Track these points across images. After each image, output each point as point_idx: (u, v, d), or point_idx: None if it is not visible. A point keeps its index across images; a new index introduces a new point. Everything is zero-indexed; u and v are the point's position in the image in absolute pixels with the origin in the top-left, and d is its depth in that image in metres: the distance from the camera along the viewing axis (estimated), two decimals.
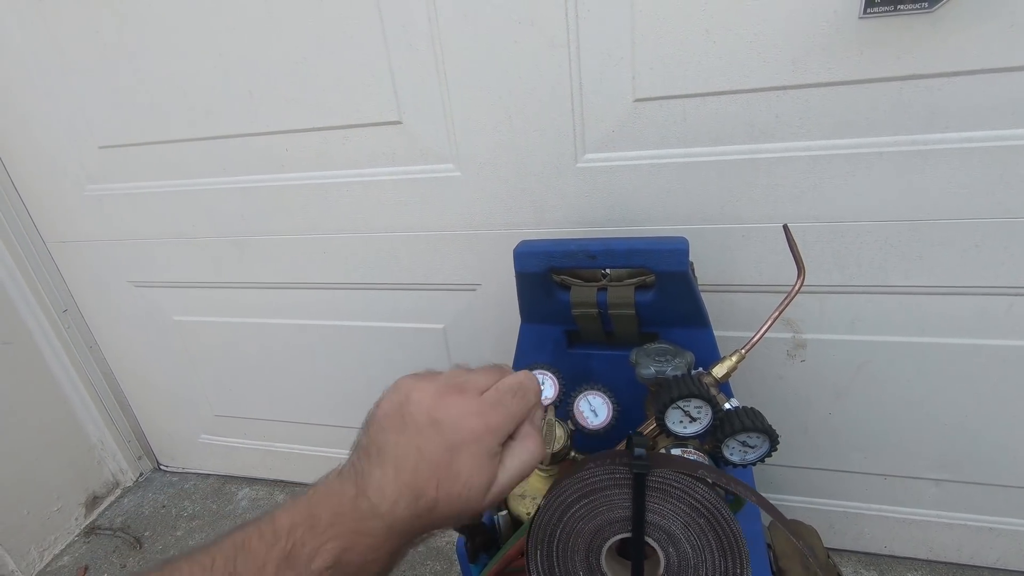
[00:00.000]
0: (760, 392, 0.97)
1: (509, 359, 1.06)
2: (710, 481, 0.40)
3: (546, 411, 0.66)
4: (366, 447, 0.36)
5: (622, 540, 0.43)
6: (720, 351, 0.74)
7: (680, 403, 0.57)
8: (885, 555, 1.05)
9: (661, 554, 0.42)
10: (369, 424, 0.37)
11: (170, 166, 1.07)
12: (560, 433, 0.64)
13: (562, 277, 0.74)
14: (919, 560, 1.04)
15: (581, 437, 0.69)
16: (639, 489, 0.41)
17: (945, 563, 1.03)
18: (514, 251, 0.69)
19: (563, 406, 0.70)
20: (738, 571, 0.41)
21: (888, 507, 1.02)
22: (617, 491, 0.42)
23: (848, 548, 1.07)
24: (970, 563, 1.02)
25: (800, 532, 0.79)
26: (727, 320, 0.91)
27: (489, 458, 0.34)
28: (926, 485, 0.97)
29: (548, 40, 0.80)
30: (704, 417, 0.58)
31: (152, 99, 1.00)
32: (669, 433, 0.58)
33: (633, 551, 0.42)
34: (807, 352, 0.92)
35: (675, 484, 0.41)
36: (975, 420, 0.89)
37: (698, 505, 0.41)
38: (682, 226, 0.87)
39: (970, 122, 0.71)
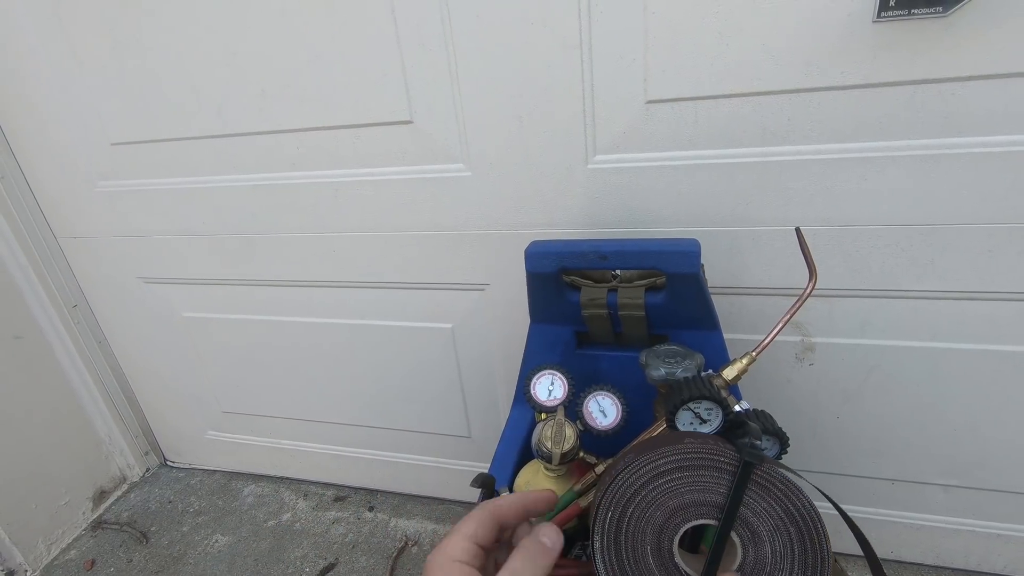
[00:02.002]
0: (768, 395, 0.97)
1: (515, 359, 1.06)
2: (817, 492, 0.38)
3: (554, 411, 0.66)
4: None
5: (694, 528, 0.41)
6: (729, 353, 0.74)
7: (691, 405, 0.57)
8: (891, 560, 1.05)
9: (740, 551, 0.40)
10: None
11: (181, 163, 1.08)
12: (570, 433, 0.64)
13: (572, 278, 0.74)
14: (926, 566, 1.04)
15: (589, 438, 0.69)
16: (743, 478, 0.39)
17: (952, 569, 1.02)
18: (525, 251, 0.69)
19: (572, 406, 0.70)
20: None
21: (895, 512, 1.01)
22: (716, 474, 0.40)
23: (854, 553, 1.06)
24: (977, 569, 1.01)
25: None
26: (736, 322, 0.91)
27: None
28: (934, 491, 0.97)
29: (561, 41, 0.80)
30: (714, 419, 0.58)
31: (164, 97, 1.01)
32: None
33: (717, 540, 0.40)
34: (816, 355, 0.92)
35: (778, 484, 0.39)
36: (985, 426, 0.89)
37: (795, 512, 0.39)
38: (692, 228, 0.87)
39: (985, 127, 0.71)
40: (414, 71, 0.87)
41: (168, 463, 1.56)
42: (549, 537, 0.38)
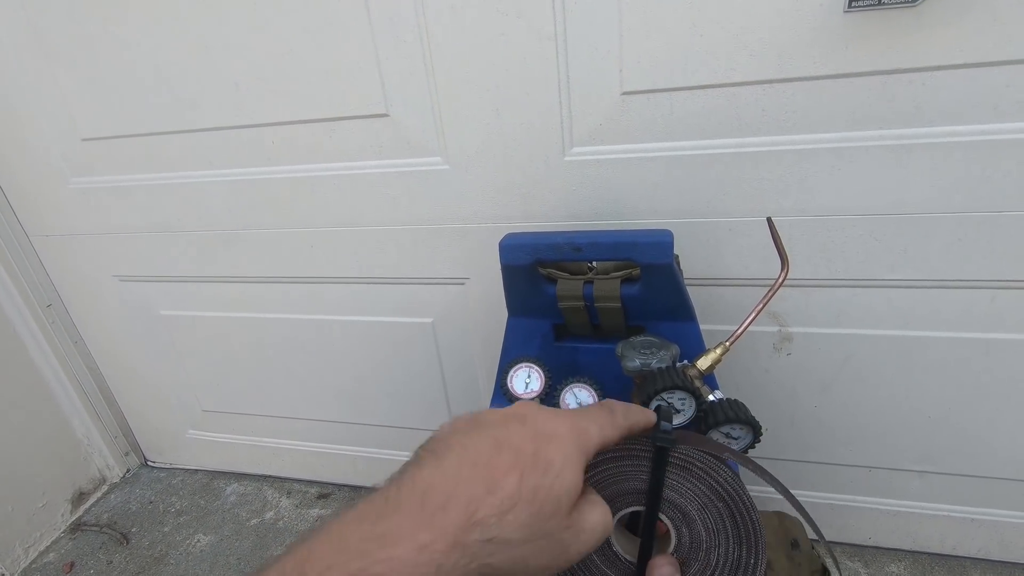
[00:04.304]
0: (747, 385, 0.97)
1: (495, 352, 1.06)
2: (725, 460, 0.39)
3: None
4: (421, 452, 0.30)
5: (632, 514, 0.42)
6: (706, 344, 0.74)
7: (664, 395, 0.57)
8: (869, 546, 1.06)
9: (673, 533, 0.41)
10: (431, 438, 0.31)
11: (155, 159, 1.06)
12: None
13: (548, 270, 0.74)
14: (903, 551, 1.05)
15: None
16: (659, 463, 0.39)
17: (928, 554, 1.04)
18: (500, 244, 0.69)
19: (549, 399, 0.70)
20: (752, 561, 0.39)
21: (873, 499, 1.03)
22: (636, 462, 0.40)
23: (833, 539, 1.08)
24: (952, 553, 1.03)
25: (787, 524, 0.80)
26: (714, 313, 0.92)
27: (579, 456, 0.30)
28: (910, 477, 0.98)
29: (536, 33, 0.80)
30: (688, 409, 0.59)
31: (137, 91, 0.99)
32: None
33: (645, 525, 0.40)
34: (793, 345, 0.92)
35: (698, 463, 0.39)
36: (958, 412, 0.91)
37: (719, 488, 0.39)
38: (669, 220, 0.87)
39: (953, 116, 0.72)
40: (389, 64, 0.87)
41: (149, 463, 1.54)
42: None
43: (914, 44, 0.69)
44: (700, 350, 0.74)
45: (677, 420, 0.58)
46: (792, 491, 0.41)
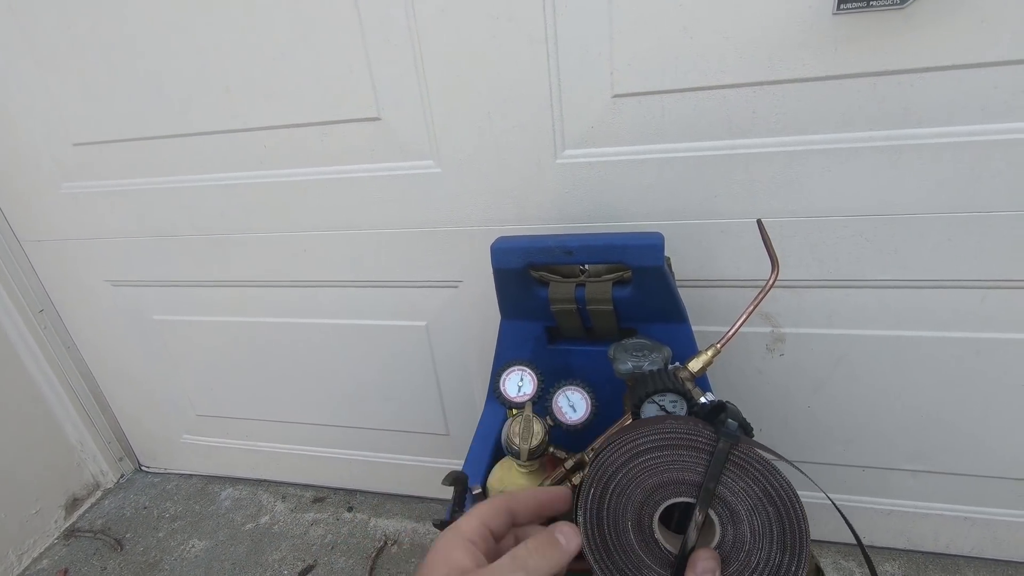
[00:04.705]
0: (740, 386, 0.98)
1: (490, 355, 1.06)
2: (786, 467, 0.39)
3: (524, 407, 0.66)
4: None
5: (673, 508, 0.42)
6: (699, 346, 0.74)
7: (655, 397, 0.57)
8: (865, 546, 1.06)
9: (718, 529, 0.40)
10: None
11: (147, 163, 1.06)
12: (538, 429, 0.64)
13: (541, 273, 0.74)
14: (897, 550, 1.06)
15: (559, 433, 0.69)
16: (720, 457, 0.40)
17: (922, 552, 1.04)
18: (491, 247, 0.69)
19: (542, 402, 0.70)
20: (793, 568, 0.39)
21: (867, 498, 1.03)
22: (694, 454, 0.41)
23: (828, 539, 1.08)
24: (946, 552, 1.03)
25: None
26: (706, 315, 0.92)
27: None
28: (903, 476, 0.99)
29: (526, 36, 0.80)
30: (680, 411, 0.59)
31: (128, 95, 0.99)
32: None
33: (695, 516, 0.40)
34: (786, 346, 0.93)
35: (756, 465, 0.40)
36: (950, 411, 0.91)
37: (772, 492, 0.39)
38: (661, 222, 0.87)
39: (942, 117, 0.72)
40: (380, 67, 0.87)
41: (143, 468, 1.54)
42: (565, 535, 0.37)
43: (902, 46, 0.70)
44: (693, 352, 0.74)
45: None
46: (790, 483, 0.41)
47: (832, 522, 1.06)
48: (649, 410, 0.58)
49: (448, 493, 1.30)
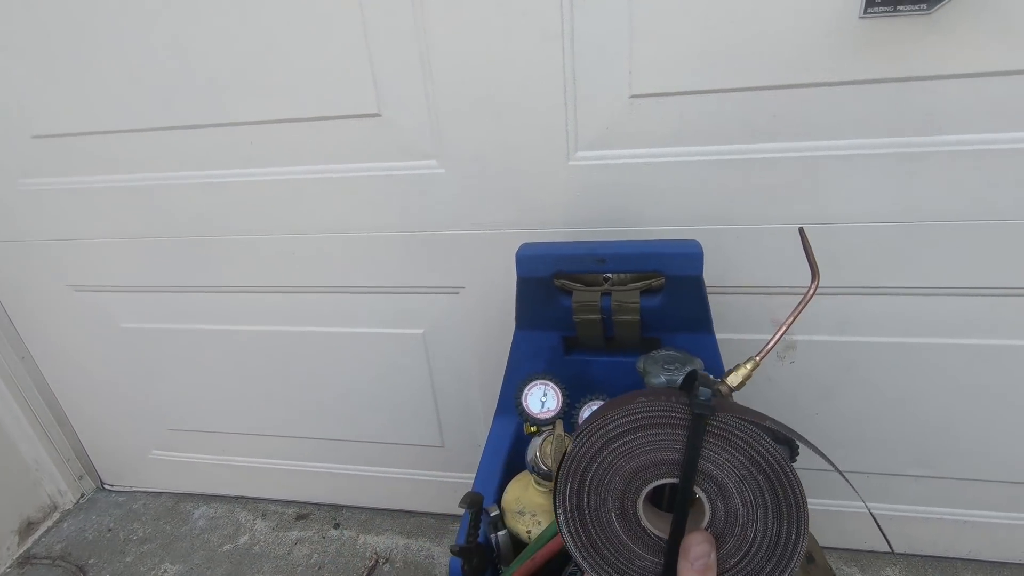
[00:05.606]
0: (748, 394, 0.95)
1: (492, 365, 1.02)
2: (776, 432, 0.36)
3: (548, 424, 0.62)
4: None
5: (662, 486, 0.39)
6: (722, 356, 0.72)
7: None
8: (865, 551, 1.07)
9: (708, 507, 0.38)
10: None
11: (118, 159, 0.97)
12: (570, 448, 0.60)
13: (562, 281, 0.70)
14: (897, 554, 1.06)
15: None
16: (697, 431, 0.37)
17: (921, 556, 1.05)
18: (517, 255, 0.65)
19: (567, 418, 0.66)
20: (793, 536, 0.37)
21: (869, 504, 1.03)
22: (669, 431, 0.38)
23: (831, 545, 1.08)
24: (944, 555, 1.04)
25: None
26: (720, 323, 0.88)
27: None
28: (906, 481, 0.99)
29: (541, 31, 0.76)
30: None
31: (98, 84, 0.90)
32: None
33: (679, 498, 0.38)
34: (796, 354, 0.92)
35: (738, 432, 0.37)
36: (956, 417, 0.91)
37: (759, 459, 0.37)
38: (675, 227, 0.85)
39: (963, 125, 0.72)
40: (382, 61, 0.81)
41: (106, 487, 1.43)
42: None
43: (927, 52, 0.69)
44: (717, 363, 0.72)
45: None
46: (776, 447, 0.39)
47: (834, 527, 1.06)
48: None
49: (446, 507, 1.25)
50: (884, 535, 0.44)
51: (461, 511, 1.30)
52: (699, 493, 0.38)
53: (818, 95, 0.74)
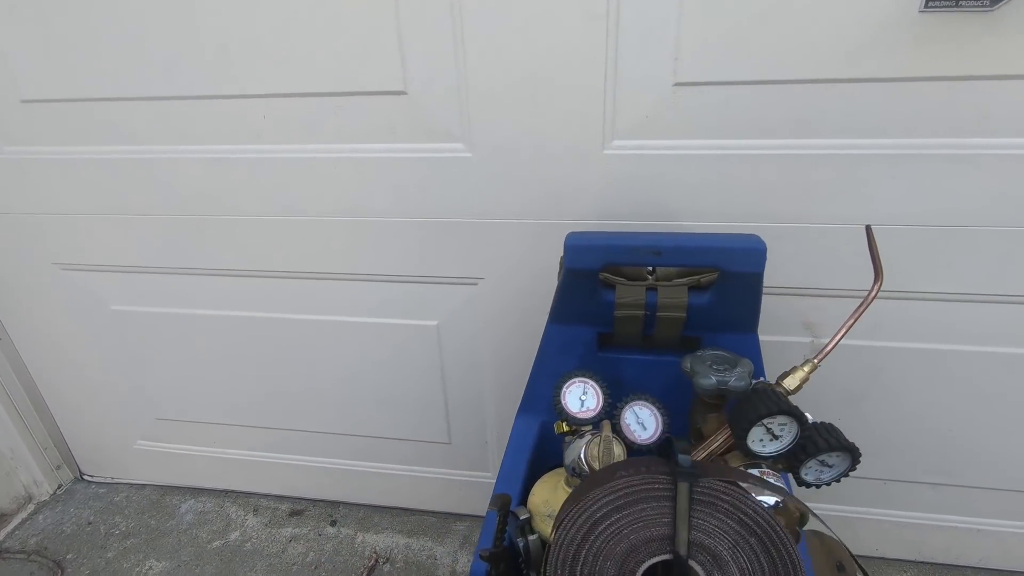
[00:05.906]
0: None
1: (507, 361, 0.98)
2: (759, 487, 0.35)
3: (601, 426, 0.59)
4: None
5: (659, 563, 0.38)
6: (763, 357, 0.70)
7: (765, 421, 0.51)
8: (876, 558, 1.06)
9: None
10: None
11: (115, 128, 0.90)
12: (619, 452, 0.57)
13: (605, 275, 0.67)
14: (908, 561, 1.06)
15: (628, 454, 0.62)
16: (683, 501, 0.36)
17: (932, 564, 1.05)
18: (566, 243, 0.61)
19: (608, 418, 0.63)
20: None
21: (884, 511, 1.02)
22: (655, 504, 0.37)
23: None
24: (956, 563, 1.04)
25: (829, 544, 0.76)
26: None
27: None
28: (924, 489, 0.98)
29: (585, 10, 0.72)
30: (787, 435, 0.53)
31: (94, 46, 0.84)
32: (747, 452, 0.53)
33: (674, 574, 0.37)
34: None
35: (723, 496, 0.36)
36: (979, 425, 0.91)
37: (749, 522, 0.36)
38: (711, 223, 0.82)
39: (1018, 128, 0.70)
40: (412, 36, 0.76)
41: (85, 477, 1.35)
42: None
43: (986, 50, 0.67)
44: (759, 364, 0.69)
45: (774, 448, 0.52)
46: (760, 504, 0.38)
47: (845, 534, 1.04)
48: (755, 434, 0.52)
49: (452, 505, 1.20)
50: (859, 565, 0.43)
51: (463, 510, 1.25)
52: (695, 566, 0.37)
53: (870, 91, 0.71)
